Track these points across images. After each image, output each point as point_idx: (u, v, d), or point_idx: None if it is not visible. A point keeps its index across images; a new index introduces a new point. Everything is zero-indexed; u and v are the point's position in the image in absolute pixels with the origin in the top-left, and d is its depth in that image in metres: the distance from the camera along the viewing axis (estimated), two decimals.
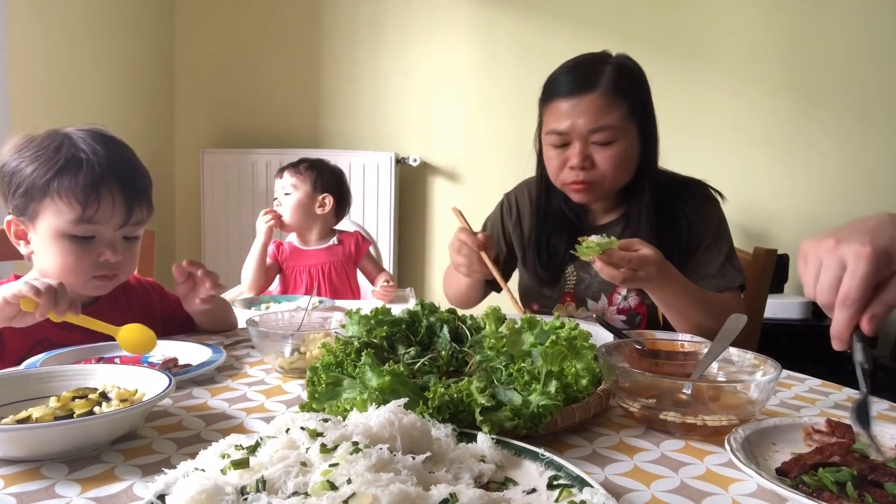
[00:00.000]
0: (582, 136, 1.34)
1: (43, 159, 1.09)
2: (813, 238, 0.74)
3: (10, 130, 2.27)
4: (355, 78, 3.22)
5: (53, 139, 1.12)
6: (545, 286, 1.51)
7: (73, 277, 1.12)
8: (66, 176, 1.09)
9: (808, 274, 0.73)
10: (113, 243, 1.14)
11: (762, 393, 0.78)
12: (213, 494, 0.51)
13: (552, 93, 1.39)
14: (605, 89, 1.32)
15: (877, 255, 0.68)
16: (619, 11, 2.99)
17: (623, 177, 1.38)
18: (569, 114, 1.34)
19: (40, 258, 1.14)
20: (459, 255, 1.36)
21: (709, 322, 1.26)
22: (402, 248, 3.24)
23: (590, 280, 1.47)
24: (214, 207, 3.19)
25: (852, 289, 0.68)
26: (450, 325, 0.95)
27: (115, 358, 1.04)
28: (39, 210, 1.10)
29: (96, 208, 1.10)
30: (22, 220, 1.13)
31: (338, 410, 0.74)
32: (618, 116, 1.33)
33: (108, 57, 2.83)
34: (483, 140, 3.15)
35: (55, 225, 1.10)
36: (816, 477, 0.61)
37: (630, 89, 1.36)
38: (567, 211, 1.48)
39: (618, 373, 0.82)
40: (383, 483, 0.51)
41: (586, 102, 1.32)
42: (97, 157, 1.11)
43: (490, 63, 3.12)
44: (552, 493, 0.57)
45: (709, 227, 1.42)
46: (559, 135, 1.35)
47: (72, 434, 0.67)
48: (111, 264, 1.15)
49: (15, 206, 1.12)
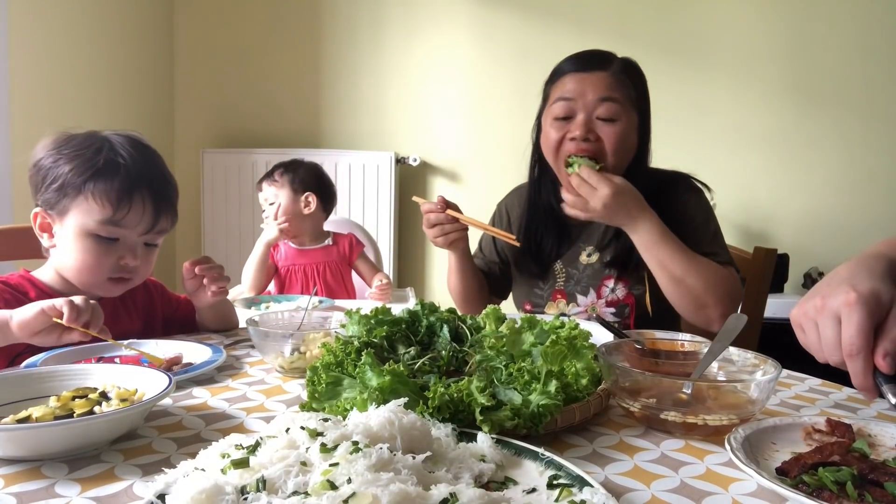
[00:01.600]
0: (589, 107, 1.35)
1: (83, 159, 1.13)
2: (798, 306, 0.75)
3: (10, 130, 2.28)
4: (355, 78, 3.22)
5: (93, 141, 1.16)
6: (536, 283, 1.54)
7: (91, 276, 1.17)
8: (102, 178, 1.13)
9: (810, 340, 0.73)
10: (134, 248, 1.18)
11: (762, 392, 0.78)
12: (213, 494, 0.51)
13: (562, 72, 1.42)
14: (615, 70, 1.37)
15: (864, 298, 0.68)
16: (619, 11, 2.99)
17: (621, 159, 1.38)
18: (578, 85, 1.37)
19: (62, 253, 1.17)
20: (431, 228, 1.43)
21: (699, 284, 1.28)
22: (402, 248, 3.24)
23: (578, 275, 1.50)
24: (214, 207, 3.19)
25: (853, 337, 0.68)
26: (450, 325, 0.95)
27: (115, 358, 1.04)
28: (71, 206, 1.14)
29: (126, 212, 1.14)
30: (50, 213, 1.16)
31: (338, 410, 0.74)
32: (624, 95, 1.36)
33: (108, 57, 2.83)
34: (483, 140, 3.15)
35: (83, 223, 1.14)
36: (816, 476, 0.61)
37: (636, 79, 1.40)
38: (556, 205, 1.48)
39: (618, 372, 0.82)
40: (383, 483, 0.51)
41: (597, 77, 1.36)
42: (134, 163, 1.16)
43: (490, 63, 3.12)
44: (552, 493, 0.57)
45: (694, 214, 1.43)
46: (566, 101, 1.37)
47: (72, 434, 0.67)
48: (129, 268, 1.18)
49: (45, 200, 1.16)
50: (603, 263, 1.47)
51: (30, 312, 0.98)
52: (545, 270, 1.53)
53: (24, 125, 2.32)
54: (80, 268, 1.16)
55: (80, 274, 1.17)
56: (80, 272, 1.16)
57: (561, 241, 1.51)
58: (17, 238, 1.47)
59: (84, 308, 1.00)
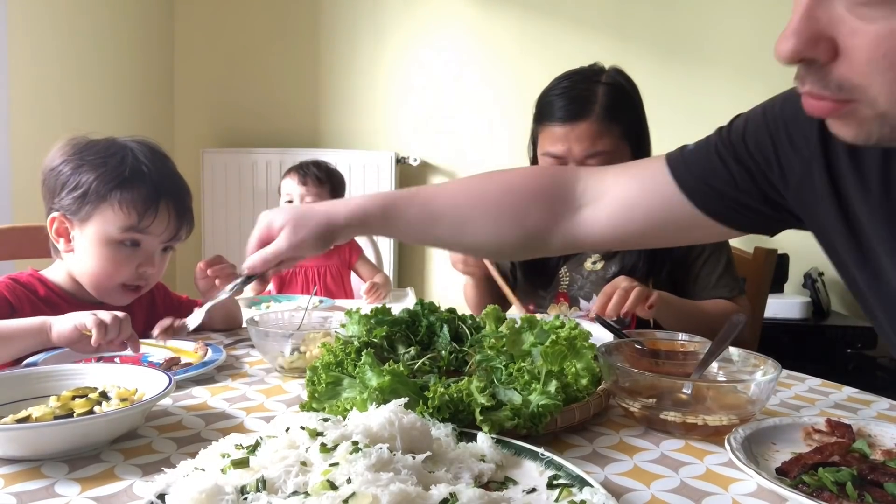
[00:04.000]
0: (577, 160, 1.37)
1: (109, 167, 1.15)
2: None
3: (10, 130, 2.27)
4: (355, 78, 3.22)
5: (116, 149, 1.18)
6: (540, 286, 1.56)
7: (108, 283, 1.18)
8: (129, 187, 1.15)
9: None
10: (153, 255, 1.20)
11: (762, 393, 0.78)
12: (213, 494, 0.51)
13: (546, 116, 1.41)
14: (598, 115, 1.36)
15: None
16: (619, 11, 2.99)
17: None
18: (563, 139, 1.37)
19: (80, 259, 1.18)
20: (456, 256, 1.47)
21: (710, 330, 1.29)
22: (403, 248, 3.24)
23: (582, 281, 1.51)
24: (214, 207, 3.19)
25: None
26: (450, 325, 0.95)
27: (115, 357, 1.04)
28: (93, 214, 1.15)
29: (152, 220, 1.16)
30: (70, 219, 1.17)
31: (338, 410, 0.74)
32: (611, 141, 1.37)
33: (108, 57, 2.83)
34: (483, 140, 3.15)
35: (106, 230, 1.15)
36: (816, 477, 0.61)
37: (623, 112, 1.39)
38: None
39: (618, 372, 0.82)
40: (383, 483, 0.51)
41: (580, 129, 1.36)
42: (157, 171, 1.18)
43: (490, 63, 3.12)
44: (552, 493, 0.57)
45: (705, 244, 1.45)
46: (555, 158, 1.39)
47: (72, 434, 0.67)
48: (146, 276, 1.20)
49: (65, 206, 1.16)
50: (608, 272, 1.48)
51: (66, 326, 0.99)
52: (549, 279, 1.54)
53: (24, 125, 2.32)
54: (97, 274, 1.17)
55: (95, 280, 1.18)
56: (96, 278, 1.17)
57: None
58: (18, 238, 1.47)
59: (112, 325, 1.00)
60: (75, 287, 1.20)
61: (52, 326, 1.00)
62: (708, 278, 1.44)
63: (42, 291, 1.17)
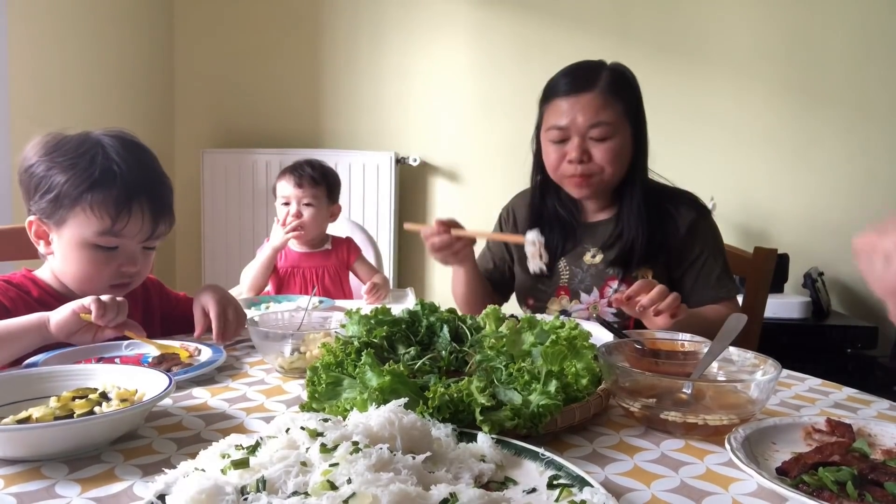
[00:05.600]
0: (581, 131, 1.41)
1: (78, 169, 1.11)
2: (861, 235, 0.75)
3: (10, 130, 2.27)
4: (355, 78, 3.22)
5: (86, 147, 1.13)
6: (540, 279, 1.56)
7: (91, 285, 1.16)
8: (99, 189, 1.11)
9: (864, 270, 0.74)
10: (134, 255, 1.18)
11: (762, 392, 0.78)
12: (213, 494, 0.51)
13: (552, 93, 1.47)
14: (602, 88, 1.41)
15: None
16: (619, 11, 2.99)
17: (618, 172, 1.45)
18: (569, 110, 1.42)
19: (60, 262, 1.17)
20: (437, 252, 1.45)
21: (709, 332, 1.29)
22: (402, 248, 3.24)
23: (582, 274, 1.53)
24: (214, 207, 3.18)
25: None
26: (450, 325, 0.95)
27: (115, 358, 1.04)
28: (68, 217, 1.12)
29: (126, 222, 1.13)
30: (46, 222, 1.15)
31: (338, 410, 0.74)
32: (614, 114, 1.41)
33: (108, 57, 2.83)
34: (483, 140, 3.15)
35: (80, 234, 1.12)
36: (816, 476, 0.61)
37: (625, 91, 1.44)
38: (560, 209, 1.55)
39: (618, 372, 0.82)
40: (383, 483, 0.51)
41: (585, 100, 1.41)
42: (130, 170, 1.14)
43: (490, 63, 3.12)
44: (552, 493, 0.57)
45: (706, 239, 1.49)
46: (559, 129, 1.43)
47: (72, 434, 0.67)
48: (129, 274, 1.18)
49: (41, 209, 1.14)
50: (606, 263, 1.49)
51: (65, 314, 1.00)
52: (550, 271, 1.54)
53: (24, 125, 2.32)
54: (80, 278, 1.16)
55: (79, 283, 1.16)
56: (79, 281, 1.16)
57: (566, 241, 1.54)
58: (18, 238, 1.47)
59: (110, 305, 1.02)
60: (65, 288, 1.19)
61: (51, 318, 1.00)
62: (708, 277, 1.47)
63: (35, 292, 1.17)
